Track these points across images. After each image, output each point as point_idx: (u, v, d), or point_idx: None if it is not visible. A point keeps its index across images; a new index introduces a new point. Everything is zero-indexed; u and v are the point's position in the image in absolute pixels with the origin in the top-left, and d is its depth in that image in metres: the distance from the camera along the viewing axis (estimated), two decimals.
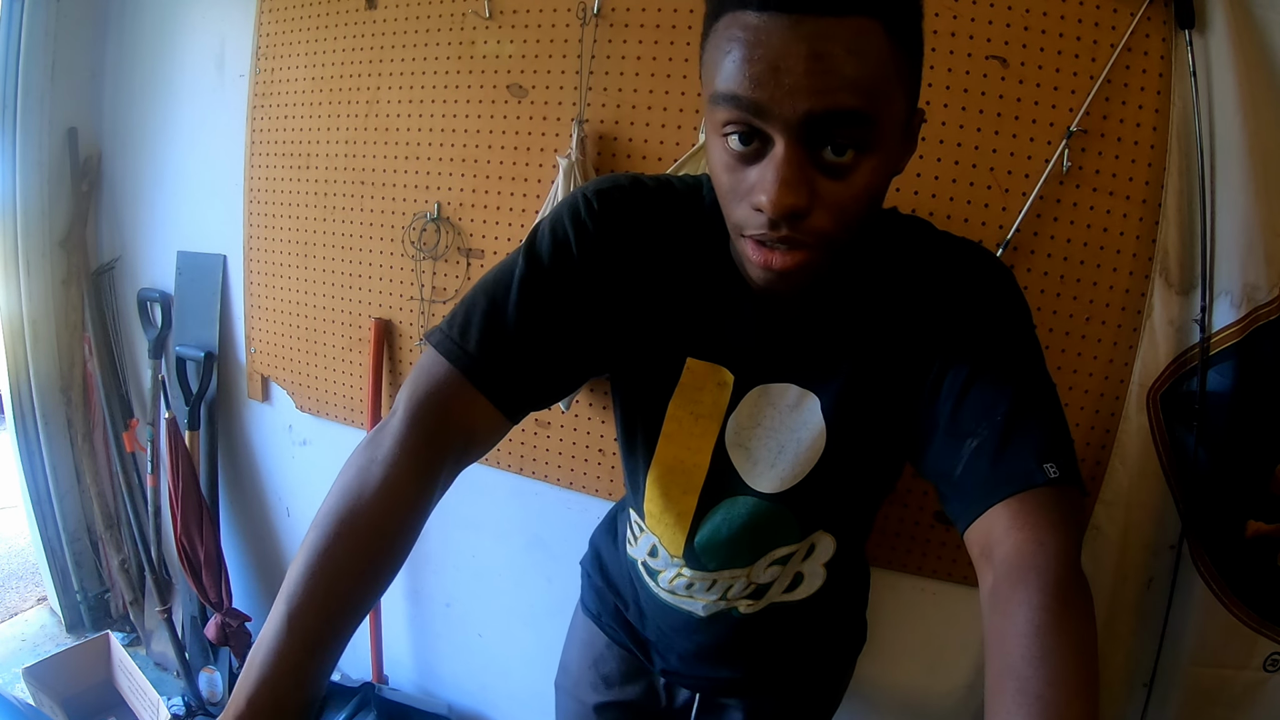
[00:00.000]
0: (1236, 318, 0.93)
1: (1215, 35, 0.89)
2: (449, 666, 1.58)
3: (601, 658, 0.86)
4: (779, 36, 0.43)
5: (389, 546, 0.51)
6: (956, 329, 0.57)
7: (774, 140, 0.46)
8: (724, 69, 0.46)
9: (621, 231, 0.59)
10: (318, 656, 0.46)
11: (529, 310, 0.57)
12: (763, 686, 0.80)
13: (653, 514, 0.71)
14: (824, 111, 0.44)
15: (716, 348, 0.62)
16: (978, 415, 0.53)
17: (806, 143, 0.46)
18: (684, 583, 0.71)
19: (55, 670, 1.58)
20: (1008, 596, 0.46)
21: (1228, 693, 1.02)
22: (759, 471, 0.65)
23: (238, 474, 1.71)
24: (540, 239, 0.59)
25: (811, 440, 0.62)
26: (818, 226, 0.48)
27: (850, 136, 0.46)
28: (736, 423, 0.64)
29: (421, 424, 0.53)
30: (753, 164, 0.48)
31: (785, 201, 0.46)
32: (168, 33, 1.57)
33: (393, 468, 0.51)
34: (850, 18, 0.43)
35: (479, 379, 0.55)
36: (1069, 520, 0.49)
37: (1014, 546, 0.47)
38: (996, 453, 0.51)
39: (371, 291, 1.38)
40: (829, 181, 0.47)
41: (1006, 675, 0.42)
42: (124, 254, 1.75)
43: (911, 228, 0.63)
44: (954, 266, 0.59)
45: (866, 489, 0.69)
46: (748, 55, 0.44)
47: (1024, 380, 0.55)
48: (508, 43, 1.19)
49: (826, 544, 0.69)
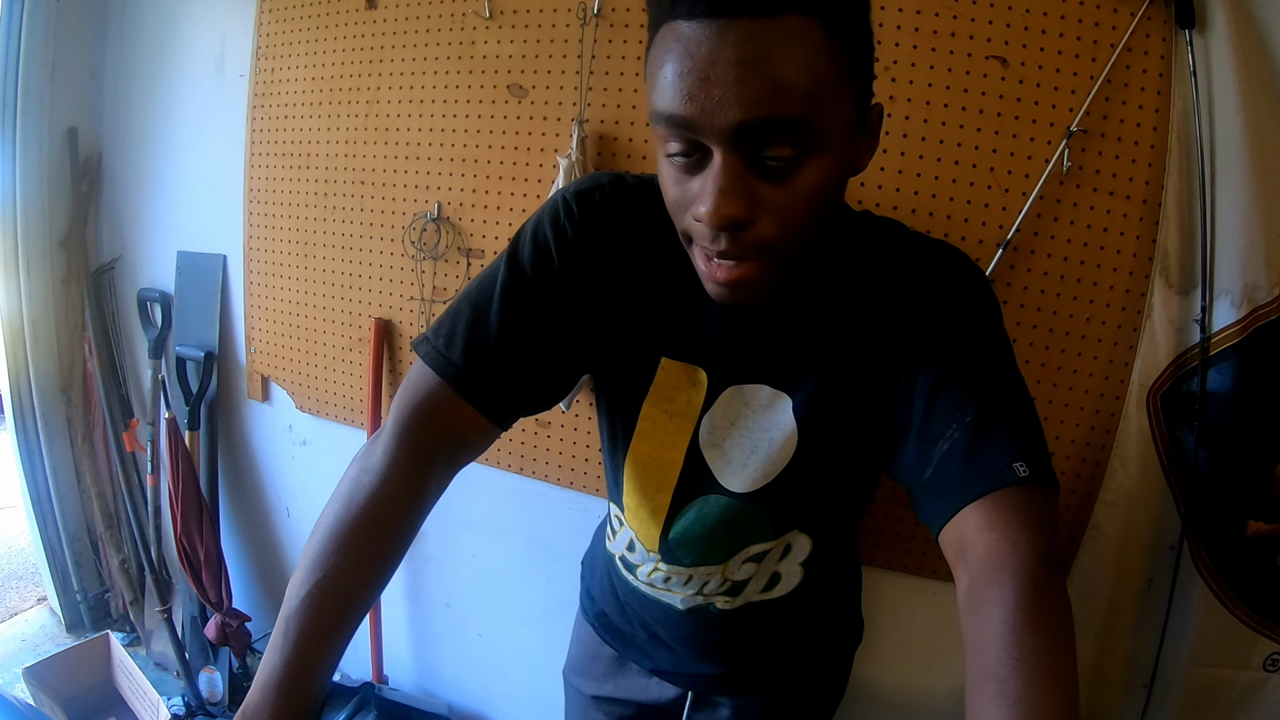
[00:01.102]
0: (1236, 318, 0.93)
1: (1215, 35, 0.89)
2: (449, 666, 1.58)
3: (597, 654, 0.87)
4: (708, 45, 0.42)
5: (381, 549, 0.54)
6: (927, 331, 0.57)
7: (711, 151, 0.46)
8: (659, 85, 0.45)
9: (599, 234, 0.60)
10: (318, 655, 0.49)
11: (511, 320, 0.58)
12: (752, 684, 0.80)
13: (630, 508, 0.72)
14: (757, 120, 0.43)
15: (691, 348, 0.63)
16: (948, 417, 0.53)
17: (744, 151, 0.45)
18: (661, 576, 0.72)
19: (55, 670, 1.58)
20: (982, 597, 0.46)
21: (1228, 693, 1.02)
22: (731, 471, 0.65)
23: (238, 474, 1.71)
24: (522, 246, 0.60)
25: (783, 440, 0.62)
26: (762, 235, 0.47)
27: (789, 142, 0.45)
28: (711, 422, 0.64)
29: (410, 433, 0.57)
30: (695, 175, 0.48)
31: (724, 211, 0.45)
32: (168, 33, 1.57)
33: (382, 476, 0.54)
34: (783, 17, 0.42)
35: (464, 388, 0.58)
36: (1041, 519, 0.49)
37: (986, 547, 0.47)
38: (967, 454, 0.51)
39: (371, 291, 1.38)
40: (771, 188, 0.46)
41: (985, 676, 0.42)
42: (124, 254, 1.75)
43: (884, 229, 0.62)
44: (925, 268, 0.59)
45: (840, 490, 0.69)
46: (679, 69, 0.43)
47: (994, 381, 0.55)
48: (508, 43, 1.19)
49: (803, 544, 0.69)
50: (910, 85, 1.00)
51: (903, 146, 1.02)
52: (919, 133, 1.01)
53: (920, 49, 1.00)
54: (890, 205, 1.03)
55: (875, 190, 1.04)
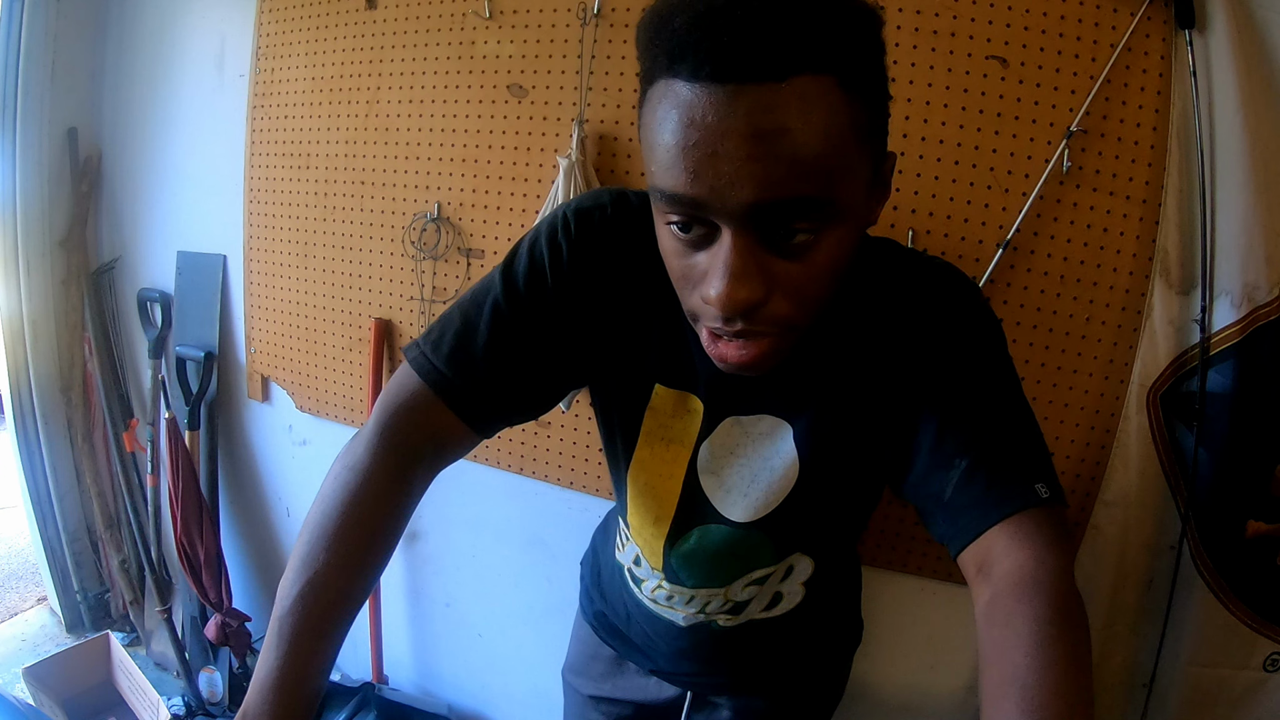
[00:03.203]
0: (1236, 318, 0.93)
1: (1215, 35, 0.89)
2: (449, 666, 1.58)
3: (596, 654, 0.87)
4: (715, 114, 0.38)
5: (369, 545, 0.54)
6: (932, 353, 0.56)
7: (720, 228, 0.43)
8: (658, 156, 0.42)
9: (596, 255, 0.59)
10: (313, 654, 0.49)
11: (499, 332, 0.58)
12: (752, 688, 0.80)
13: (634, 526, 0.71)
14: (772, 201, 0.40)
15: (685, 376, 0.62)
16: (963, 438, 0.53)
17: (757, 229, 0.42)
18: (664, 594, 0.72)
19: (55, 670, 1.58)
20: (1011, 610, 0.46)
21: (1228, 693, 1.02)
22: (732, 500, 0.64)
23: (238, 474, 1.71)
24: (518, 260, 0.60)
25: (784, 469, 0.62)
26: (777, 314, 0.45)
27: (806, 220, 0.42)
28: (709, 450, 0.63)
29: (392, 433, 0.57)
30: (702, 249, 0.45)
31: (737, 296, 0.42)
32: (168, 33, 1.57)
33: (366, 474, 0.55)
34: (797, 79, 0.38)
35: (445, 394, 0.57)
36: (1064, 538, 0.50)
37: (1015, 564, 0.48)
38: (989, 474, 0.51)
39: (371, 291, 1.38)
40: (786, 264, 0.43)
41: (1010, 684, 0.42)
42: (124, 254, 1.75)
43: (879, 251, 0.61)
44: (923, 290, 0.58)
45: (843, 513, 0.69)
46: (683, 142, 0.39)
47: (1005, 402, 0.55)
48: (508, 43, 1.19)
49: (804, 565, 0.69)
50: (910, 85, 1.00)
51: (903, 146, 1.02)
52: (919, 133, 1.01)
53: (920, 49, 1.00)
54: (890, 205, 1.03)
55: None
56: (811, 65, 0.38)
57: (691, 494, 0.65)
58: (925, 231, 1.03)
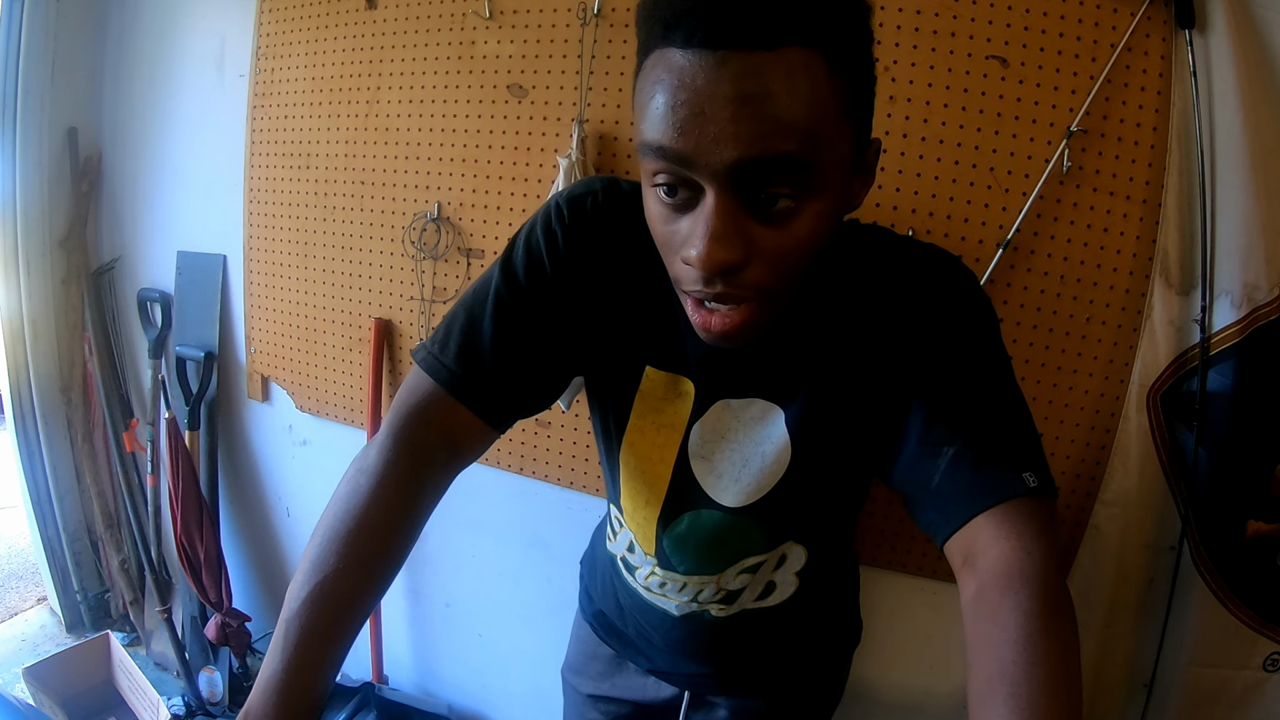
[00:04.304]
0: (1236, 318, 0.93)
1: (1215, 35, 0.89)
2: (449, 666, 1.58)
3: (595, 654, 0.88)
4: (704, 77, 0.40)
5: (381, 550, 0.53)
6: (923, 338, 0.56)
7: (704, 190, 0.44)
8: (649, 115, 0.43)
9: (590, 241, 0.60)
10: (319, 658, 0.48)
11: (504, 325, 0.59)
12: (748, 684, 0.80)
13: (627, 511, 0.72)
14: (754, 159, 0.41)
15: (677, 358, 0.62)
16: (952, 425, 0.53)
17: (739, 191, 0.43)
18: (657, 581, 0.72)
19: (55, 670, 1.58)
20: (997, 603, 0.46)
21: (1228, 693, 1.02)
22: (723, 485, 0.65)
23: (238, 474, 1.71)
24: (516, 252, 0.61)
25: (776, 454, 0.62)
26: (755, 279, 0.46)
27: (787, 183, 0.43)
28: (700, 434, 0.64)
29: (406, 436, 0.57)
30: (685, 214, 0.46)
31: (716, 257, 0.44)
32: (168, 33, 1.57)
33: (380, 477, 0.54)
34: (784, 49, 0.40)
35: (459, 391, 0.58)
36: (1050, 527, 0.49)
37: (1000, 555, 0.48)
38: (977, 462, 0.51)
39: (371, 291, 1.38)
40: (766, 230, 0.45)
41: (998, 679, 0.42)
42: (124, 254, 1.75)
43: (871, 237, 0.61)
44: (916, 274, 0.58)
45: (835, 501, 0.69)
46: (671, 100, 0.41)
47: (996, 389, 0.55)
48: (508, 43, 1.19)
49: (798, 554, 0.69)
50: (910, 85, 1.00)
51: (903, 146, 1.02)
52: (919, 133, 1.01)
53: (920, 49, 1.00)
54: (890, 205, 1.03)
55: (875, 190, 1.03)
56: (800, 38, 0.40)
57: (682, 478, 0.65)
58: (925, 231, 1.03)
